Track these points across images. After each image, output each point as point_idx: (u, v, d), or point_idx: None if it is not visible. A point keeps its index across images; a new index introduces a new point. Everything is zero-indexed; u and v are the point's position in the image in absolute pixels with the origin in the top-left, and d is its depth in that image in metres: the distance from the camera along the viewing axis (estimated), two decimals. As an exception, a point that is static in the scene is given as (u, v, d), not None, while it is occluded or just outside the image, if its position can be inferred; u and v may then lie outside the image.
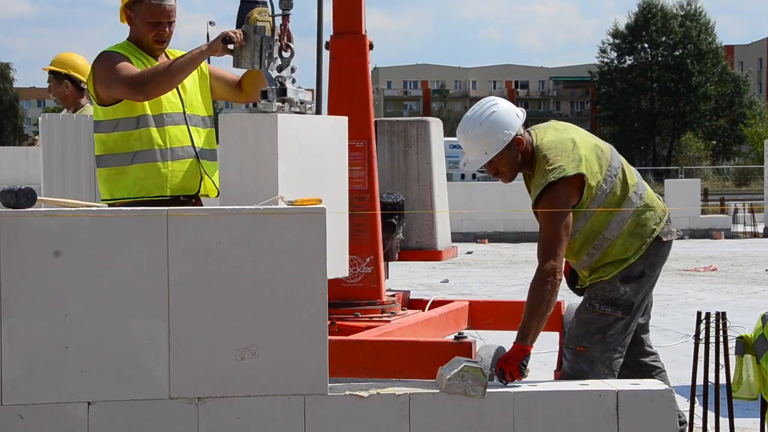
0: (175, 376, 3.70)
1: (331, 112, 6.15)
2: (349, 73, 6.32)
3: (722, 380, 5.00)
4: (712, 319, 4.92)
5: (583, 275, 4.82)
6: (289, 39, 4.93)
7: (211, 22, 5.05)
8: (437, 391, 3.88)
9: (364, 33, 6.34)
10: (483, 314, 6.68)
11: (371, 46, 6.38)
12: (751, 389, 4.82)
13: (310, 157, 4.75)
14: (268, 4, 4.90)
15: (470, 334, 5.79)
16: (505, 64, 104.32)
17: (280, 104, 4.69)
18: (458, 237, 23.15)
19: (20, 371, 3.63)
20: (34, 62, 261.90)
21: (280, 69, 4.85)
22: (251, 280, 3.73)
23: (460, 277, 15.21)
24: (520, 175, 4.82)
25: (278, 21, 4.88)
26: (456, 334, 5.36)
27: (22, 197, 3.66)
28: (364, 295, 6.12)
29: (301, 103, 4.80)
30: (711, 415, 5.26)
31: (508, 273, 16.18)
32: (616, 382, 4.08)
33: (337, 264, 4.90)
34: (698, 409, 5.07)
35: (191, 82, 4.98)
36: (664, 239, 4.73)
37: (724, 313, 4.96)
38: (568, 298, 7.75)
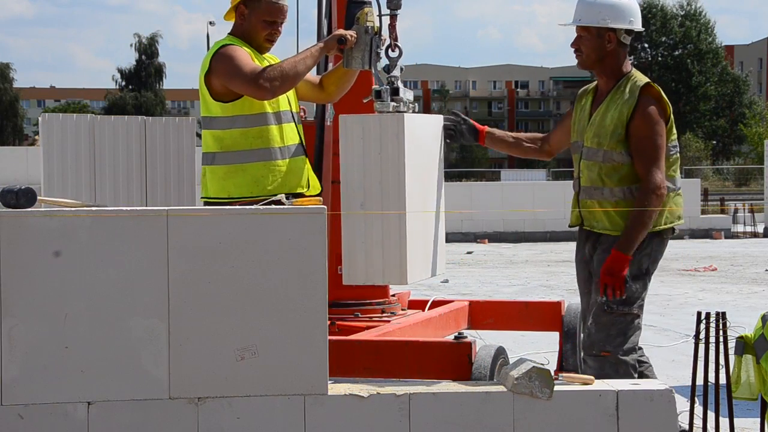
0: (175, 376, 3.70)
1: (337, 111, 6.14)
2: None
3: (722, 380, 5.00)
4: (712, 319, 4.92)
5: (596, 211, 4.86)
6: (396, 39, 4.93)
7: (211, 22, 5.07)
8: (437, 391, 3.88)
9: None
10: (483, 314, 6.68)
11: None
12: (751, 389, 4.82)
13: (425, 156, 4.75)
14: (374, 4, 4.93)
15: (470, 334, 5.78)
16: (505, 64, 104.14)
17: (394, 104, 4.69)
18: (458, 237, 23.17)
19: (20, 371, 3.63)
20: (34, 62, 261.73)
21: (387, 69, 4.85)
22: (251, 280, 3.73)
23: (460, 277, 15.20)
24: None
25: (386, 20, 4.91)
26: (456, 334, 5.35)
27: (22, 197, 3.66)
28: (371, 295, 6.11)
29: (409, 102, 4.80)
30: (711, 415, 5.26)
31: (508, 273, 16.17)
32: (616, 382, 4.08)
33: (440, 262, 4.90)
34: (698, 409, 5.07)
35: None
36: (666, 237, 4.88)
37: (724, 313, 4.96)
38: (568, 299, 7.75)
